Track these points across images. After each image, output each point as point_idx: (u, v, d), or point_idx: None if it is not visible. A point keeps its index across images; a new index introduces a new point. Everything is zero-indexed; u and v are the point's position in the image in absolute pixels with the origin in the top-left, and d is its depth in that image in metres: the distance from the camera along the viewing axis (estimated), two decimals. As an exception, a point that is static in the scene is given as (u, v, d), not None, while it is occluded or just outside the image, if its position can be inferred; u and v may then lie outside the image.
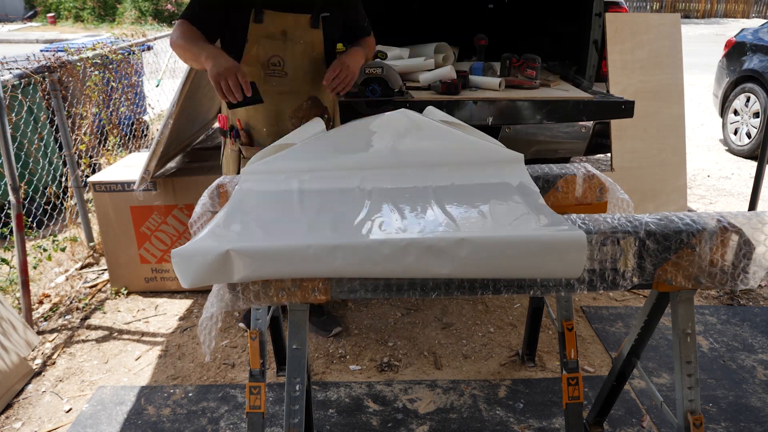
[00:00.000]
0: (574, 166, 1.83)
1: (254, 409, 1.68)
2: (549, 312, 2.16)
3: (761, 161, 3.30)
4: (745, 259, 1.30)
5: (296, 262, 1.22)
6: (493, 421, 2.13)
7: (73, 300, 2.98)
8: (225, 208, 1.48)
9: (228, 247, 1.20)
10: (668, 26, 3.48)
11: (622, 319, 2.78)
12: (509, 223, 1.34)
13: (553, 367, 2.43)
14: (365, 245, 1.23)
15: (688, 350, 1.45)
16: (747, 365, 2.44)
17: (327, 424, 2.12)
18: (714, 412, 2.17)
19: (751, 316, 2.82)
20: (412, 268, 1.24)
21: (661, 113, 3.44)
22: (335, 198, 1.56)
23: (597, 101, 2.75)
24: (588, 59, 3.23)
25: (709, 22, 20.13)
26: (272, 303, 1.29)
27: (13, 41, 13.90)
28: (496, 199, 1.50)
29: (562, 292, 1.33)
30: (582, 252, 1.23)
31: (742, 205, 4.35)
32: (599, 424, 1.99)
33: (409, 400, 2.24)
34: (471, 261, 1.22)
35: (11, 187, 2.63)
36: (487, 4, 4.00)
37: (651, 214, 1.37)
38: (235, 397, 2.27)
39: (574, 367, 1.87)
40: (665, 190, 3.53)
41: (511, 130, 3.23)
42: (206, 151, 3.45)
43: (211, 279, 1.21)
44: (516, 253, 1.23)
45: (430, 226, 1.34)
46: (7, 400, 2.25)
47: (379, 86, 2.60)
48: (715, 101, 6.00)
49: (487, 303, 2.93)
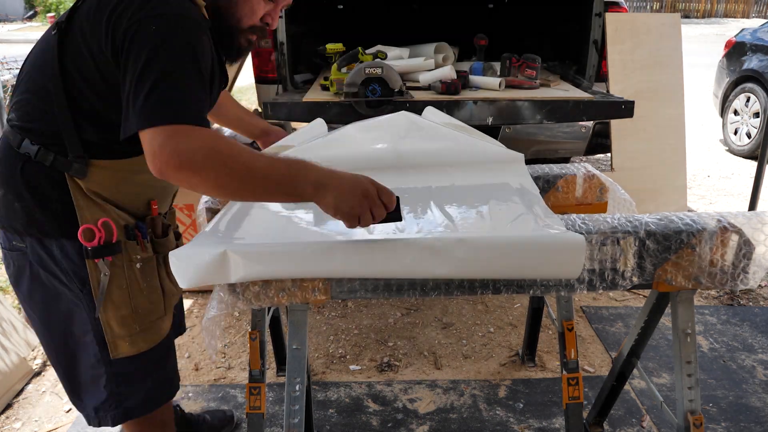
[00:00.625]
0: (574, 166, 1.83)
1: (254, 409, 1.68)
2: (549, 312, 2.16)
3: (761, 161, 3.30)
4: (745, 259, 1.30)
5: (294, 262, 1.22)
6: (493, 421, 2.13)
7: (73, 300, 2.98)
8: (224, 209, 1.48)
9: (225, 248, 1.20)
10: (668, 26, 3.48)
11: (622, 319, 2.78)
12: (508, 224, 1.34)
13: (553, 367, 2.43)
14: (363, 245, 1.23)
15: (688, 350, 1.45)
16: (747, 365, 2.44)
17: (327, 424, 2.12)
18: (714, 412, 2.17)
19: (751, 316, 2.82)
20: (410, 268, 1.24)
21: (661, 113, 3.44)
22: None
23: (597, 101, 2.75)
24: (588, 59, 3.24)
25: (709, 22, 20.13)
26: (272, 303, 1.29)
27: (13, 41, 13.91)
28: (495, 200, 1.50)
29: (562, 291, 1.33)
30: (580, 254, 1.23)
31: (742, 205, 4.35)
32: (599, 424, 1.99)
33: (409, 400, 2.24)
34: (469, 262, 1.22)
35: (11, 187, 2.62)
36: (487, 4, 4.00)
37: (651, 214, 1.37)
38: (235, 397, 2.27)
39: (574, 367, 1.87)
40: (665, 190, 3.53)
41: (511, 130, 3.23)
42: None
43: (208, 279, 1.21)
44: (514, 254, 1.23)
45: (428, 227, 1.35)
46: (7, 400, 2.25)
47: (379, 86, 2.60)
48: (715, 101, 6.00)
49: (487, 303, 2.93)
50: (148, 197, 1.41)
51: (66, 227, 1.29)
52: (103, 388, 1.42)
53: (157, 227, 1.42)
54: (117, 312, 1.36)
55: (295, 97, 2.82)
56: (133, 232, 1.36)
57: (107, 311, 1.35)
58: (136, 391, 1.45)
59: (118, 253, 1.33)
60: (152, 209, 1.41)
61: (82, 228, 1.28)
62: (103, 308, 1.34)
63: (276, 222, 1.44)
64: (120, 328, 1.37)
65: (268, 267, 1.22)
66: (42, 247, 1.33)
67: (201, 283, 1.21)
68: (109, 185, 1.32)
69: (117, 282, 1.34)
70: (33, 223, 1.31)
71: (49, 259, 1.33)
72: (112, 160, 1.31)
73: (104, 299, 1.33)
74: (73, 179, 1.28)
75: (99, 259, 1.30)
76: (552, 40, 3.71)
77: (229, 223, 1.40)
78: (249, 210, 1.47)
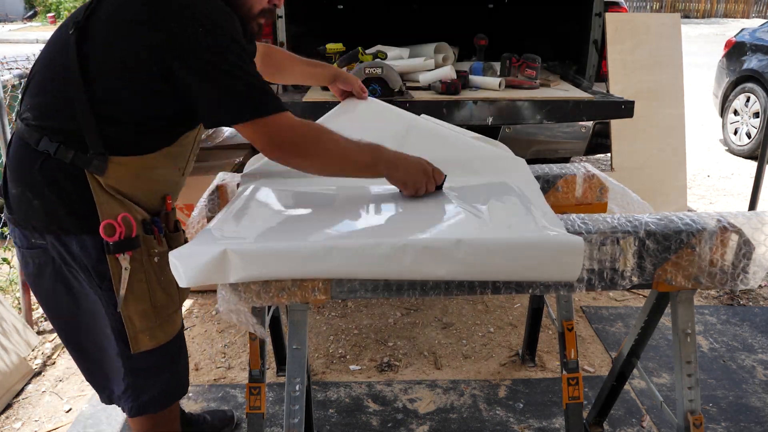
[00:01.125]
0: (574, 166, 1.83)
1: (254, 409, 1.68)
2: (549, 312, 2.16)
3: (761, 161, 3.30)
4: (745, 259, 1.30)
5: (293, 262, 1.22)
6: (493, 421, 2.13)
7: (73, 300, 2.98)
8: (224, 209, 1.48)
9: (225, 247, 1.20)
10: (668, 26, 3.48)
11: (622, 319, 2.79)
12: (507, 225, 1.34)
13: (553, 367, 2.43)
14: (362, 246, 1.23)
15: (688, 350, 1.45)
16: (747, 365, 2.44)
17: (327, 424, 2.12)
18: (714, 412, 2.17)
19: (751, 316, 2.82)
20: (409, 269, 1.24)
21: (661, 113, 3.44)
22: (332, 199, 1.57)
23: (597, 101, 2.75)
24: (588, 59, 3.24)
25: (709, 22, 20.13)
26: (273, 303, 1.29)
27: (13, 41, 13.91)
28: (495, 200, 1.50)
29: (562, 291, 1.33)
30: (579, 256, 1.23)
31: (742, 205, 4.35)
32: (599, 424, 1.99)
33: (409, 400, 2.24)
34: (468, 263, 1.22)
35: (11, 187, 2.62)
36: (487, 4, 4.01)
37: (651, 214, 1.37)
38: (235, 397, 2.27)
39: (574, 367, 1.87)
40: (665, 190, 3.53)
41: (511, 130, 3.23)
42: (206, 151, 3.45)
43: (207, 279, 1.22)
44: (512, 256, 1.23)
45: (427, 227, 1.35)
46: (7, 400, 2.25)
47: (379, 86, 2.60)
48: (715, 101, 6.00)
49: (487, 303, 2.93)
50: (164, 192, 1.45)
51: (86, 223, 1.31)
52: (122, 381, 1.46)
53: (170, 222, 1.48)
54: (138, 306, 1.38)
55: (295, 97, 2.82)
56: (150, 227, 1.39)
57: (128, 306, 1.37)
58: (152, 386, 1.49)
59: (138, 247, 1.36)
60: (167, 204, 1.46)
61: (103, 223, 1.30)
62: (124, 303, 1.36)
63: (277, 221, 1.44)
64: (141, 322, 1.40)
65: (267, 267, 1.22)
66: (61, 244, 1.34)
67: (200, 283, 1.22)
68: (127, 181, 1.34)
69: (137, 276, 1.36)
70: (53, 219, 1.32)
71: (68, 255, 1.35)
72: (131, 157, 1.34)
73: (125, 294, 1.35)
74: (92, 175, 1.30)
75: (120, 254, 1.32)
76: (552, 40, 3.71)
77: (231, 222, 1.40)
78: (250, 209, 1.47)
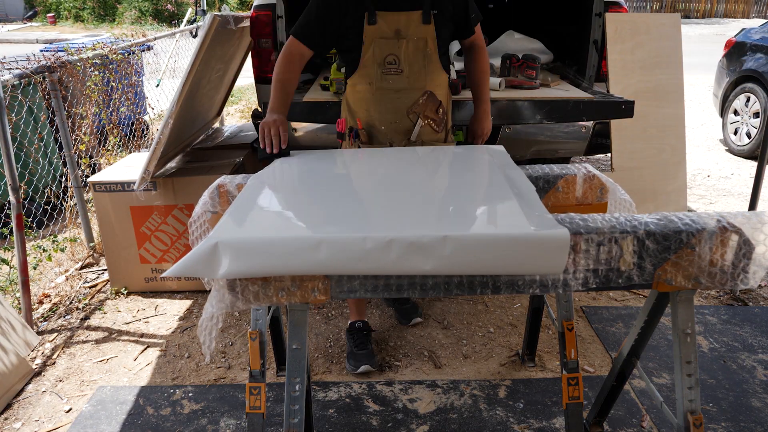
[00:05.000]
0: (574, 166, 1.83)
1: (254, 409, 1.68)
2: (549, 312, 2.16)
3: (761, 161, 3.30)
4: (745, 259, 1.30)
5: (281, 256, 1.23)
6: (493, 421, 2.13)
7: (73, 300, 2.99)
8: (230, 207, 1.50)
9: (216, 240, 1.21)
10: (668, 26, 3.48)
11: (622, 319, 2.78)
12: (493, 221, 1.35)
13: (553, 367, 2.43)
14: (349, 241, 1.23)
15: (688, 350, 1.45)
16: (747, 365, 2.44)
17: (327, 424, 2.12)
18: (714, 412, 2.17)
19: (751, 316, 2.82)
20: (395, 264, 1.24)
21: (661, 113, 3.44)
22: (325, 195, 1.59)
23: (597, 101, 2.75)
24: (588, 59, 3.24)
25: (709, 22, 20.14)
26: (272, 303, 1.29)
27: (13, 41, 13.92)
28: (483, 196, 1.50)
29: (561, 290, 1.33)
30: (564, 249, 1.23)
31: (742, 205, 4.35)
32: (599, 424, 1.99)
33: (409, 400, 2.24)
34: (454, 258, 1.23)
35: (11, 187, 2.63)
36: (487, 4, 4.00)
37: (651, 214, 1.37)
38: (235, 397, 2.27)
39: (574, 367, 1.87)
40: (665, 190, 3.53)
41: (511, 130, 3.23)
42: (206, 151, 3.45)
43: (196, 271, 1.22)
44: (498, 250, 1.23)
45: (414, 223, 1.35)
46: (7, 400, 2.25)
47: (380, 86, 2.61)
48: (715, 101, 5.99)
49: (487, 303, 2.93)
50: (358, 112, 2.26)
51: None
52: None
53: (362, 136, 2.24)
54: None
55: (296, 97, 2.82)
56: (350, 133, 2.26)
57: None
58: None
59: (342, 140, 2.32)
60: (357, 122, 2.25)
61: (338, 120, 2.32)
62: None
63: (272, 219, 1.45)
64: None
65: (254, 260, 1.22)
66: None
67: (187, 274, 1.23)
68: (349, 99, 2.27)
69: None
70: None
71: None
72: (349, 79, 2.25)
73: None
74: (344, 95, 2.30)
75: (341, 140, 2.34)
76: (552, 40, 3.71)
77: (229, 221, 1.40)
78: (246, 209, 1.47)
